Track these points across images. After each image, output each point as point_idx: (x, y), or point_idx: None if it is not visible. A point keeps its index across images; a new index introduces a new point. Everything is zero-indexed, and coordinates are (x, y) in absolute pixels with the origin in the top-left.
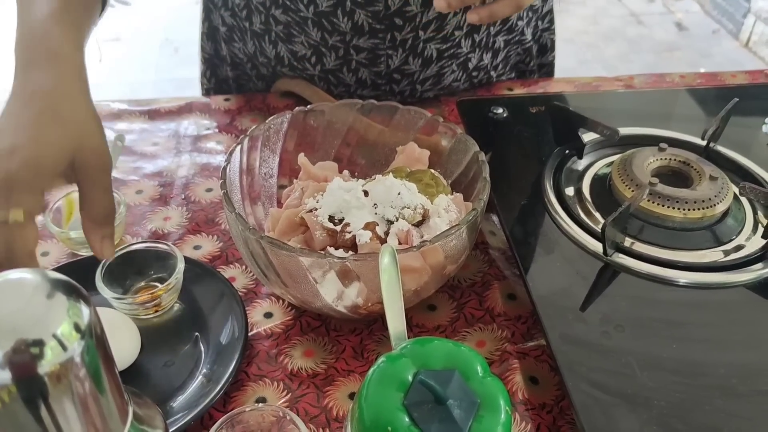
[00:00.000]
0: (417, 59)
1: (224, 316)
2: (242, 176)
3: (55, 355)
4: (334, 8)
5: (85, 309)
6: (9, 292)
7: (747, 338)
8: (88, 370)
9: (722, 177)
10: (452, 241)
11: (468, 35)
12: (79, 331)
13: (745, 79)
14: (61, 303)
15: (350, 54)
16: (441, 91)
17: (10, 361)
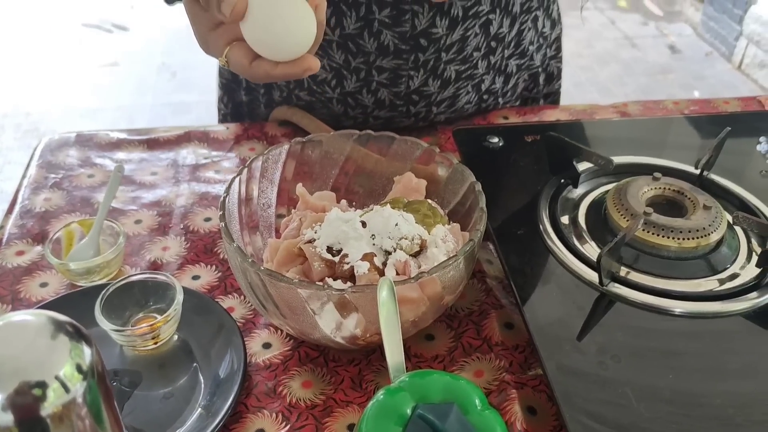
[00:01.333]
0: (436, 80)
1: (223, 347)
2: (241, 207)
3: (58, 396)
4: (361, 30)
5: (87, 350)
6: (12, 334)
7: (743, 368)
8: (90, 409)
9: (716, 206)
10: (450, 272)
11: (485, 57)
12: (81, 372)
13: (738, 106)
14: (64, 344)
15: (372, 75)
16: (452, 114)
17: (12, 403)
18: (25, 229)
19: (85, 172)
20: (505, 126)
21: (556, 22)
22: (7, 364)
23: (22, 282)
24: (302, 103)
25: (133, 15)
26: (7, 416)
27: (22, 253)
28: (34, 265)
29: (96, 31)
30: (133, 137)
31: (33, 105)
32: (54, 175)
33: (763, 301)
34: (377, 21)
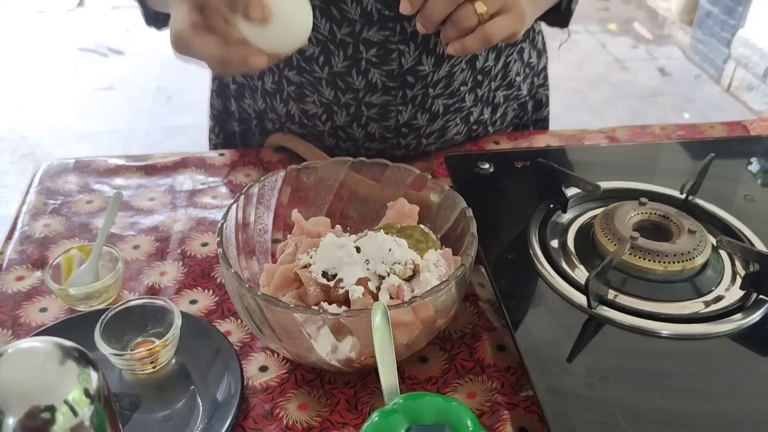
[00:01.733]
0: (425, 114)
1: (220, 370)
2: (238, 232)
3: (67, 420)
4: (349, 68)
5: (94, 374)
6: (23, 360)
7: (728, 388)
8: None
9: (700, 230)
10: (442, 297)
11: (472, 90)
12: (88, 396)
13: (723, 131)
14: (72, 370)
15: (361, 110)
16: (443, 144)
17: (23, 426)
18: (25, 254)
19: (84, 198)
20: (495, 152)
21: (542, 52)
22: (17, 389)
23: (22, 307)
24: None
25: (128, 39)
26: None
27: (22, 278)
28: (33, 291)
29: (92, 55)
30: (131, 163)
31: (29, 129)
32: (53, 201)
33: (748, 323)
34: (365, 60)
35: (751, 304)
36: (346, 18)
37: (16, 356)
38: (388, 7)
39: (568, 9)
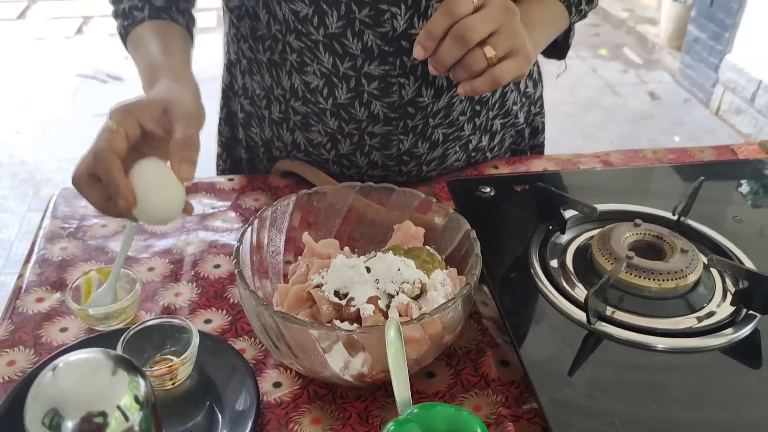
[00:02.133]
0: (425, 143)
1: (236, 386)
2: (252, 254)
3: (119, 424)
4: (352, 100)
5: (143, 383)
6: (78, 370)
7: (720, 398)
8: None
9: (692, 249)
10: (449, 314)
11: (470, 120)
12: (138, 403)
13: (712, 155)
14: (123, 378)
15: (364, 140)
16: (443, 171)
17: (80, 430)
18: (44, 276)
19: (99, 222)
20: (495, 176)
21: (538, 82)
22: (74, 396)
23: (42, 327)
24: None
25: (127, 66)
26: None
27: (41, 300)
28: (53, 311)
29: (91, 81)
30: None
31: (28, 154)
32: (68, 226)
33: (738, 337)
34: (367, 92)
35: (741, 319)
36: (348, 53)
37: (72, 366)
38: (388, 44)
39: (566, 42)
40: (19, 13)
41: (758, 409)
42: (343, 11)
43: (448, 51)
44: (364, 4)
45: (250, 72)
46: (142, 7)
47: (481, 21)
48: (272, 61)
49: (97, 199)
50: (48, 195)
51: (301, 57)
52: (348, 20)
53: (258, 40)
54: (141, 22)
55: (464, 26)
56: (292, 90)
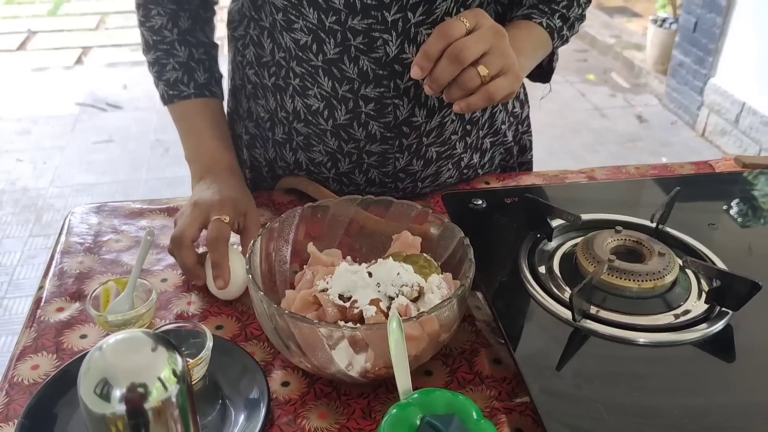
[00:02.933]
0: (420, 161)
1: (248, 385)
2: (262, 263)
3: (159, 393)
4: (351, 121)
5: (180, 360)
6: (124, 347)
7: (695, 386)
8: (181, 411)
9: (669, 253)
10: (445, 312)
11: (462, 138)
12: (176, 376)
13: (691, 170)
14: (163, 354)
15: (362, 158)
16: (437, 188)
17: (126, 398)
18: (63, 288)
19: (113, 238)
20: (487, 190)
21: (524, 102)
22: (122, 369)
23: (63, 334)
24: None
25: (126, 94)
26: (121, 407)
27: (62, 309)
28: (73, 320)
29: (91, 109)
30: (154, 207)
31: (30, 181)
32: (84, 241)
33: (712, 332)
34: (364, 113)
35: (715, 315)
36: (345, 77)
37: (119, 343)
38: (382, 68)
39: (550, 66)
40: (20, 44)
41: (728, 395)
42: (339, 39)
43: (443, 70)
44: (358, 32)
45: (255, 96)
46: (188, 83)
47: (473, 42)
48: (276, 85)
49: (190, 265)
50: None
51: (303, 81)
52: (344, 47)
53: (263, 66)
54: (187, 98)
55: (459, 47)
56: (294, 112)
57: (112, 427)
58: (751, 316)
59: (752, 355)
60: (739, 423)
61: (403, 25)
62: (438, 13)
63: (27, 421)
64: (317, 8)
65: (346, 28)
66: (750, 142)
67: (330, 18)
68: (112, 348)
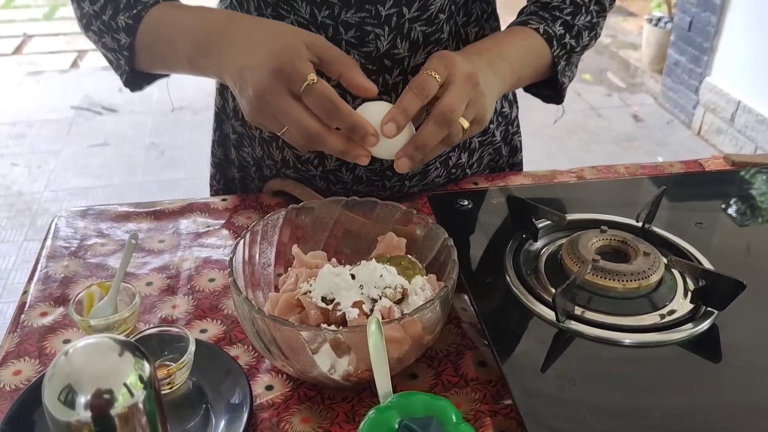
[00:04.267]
0: None
1: (231, 389)
2: (245, 266)
3: (125, 399)
4: None
5: (147, 365)
6: (90, 352)
7: (678, 387)
8: (149, 417)
9: (654, 252)
10: (428, 314)
11: None
12: (142, 382)
13: (681, 168)
14: (129, 360)
15: None
16: (425, 187)
17: (91, 404)
18: (47, 292)
19: (99, 242)
20: (473, 190)
21: (513, 103)
22: (87, 374)
23: (47, 339)
24: (290, 179)
25: (121, 97)
26: (86, 414)
27: (45, 314)
28: (57, 324)
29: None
30: (140, 210)
31: (25, 185)
32: (69, 245)
33: (697, 331)
34: None
35: (701, 315)
36: None
37: (85, 349)
38: (372, 62)
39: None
40: (15, 48)
41: (713, 396)
42: (331, 33)
43: (432, 135)
44: (351, 25)
45: None
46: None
47: (458, 102)
48: None
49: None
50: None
51: None
52: (335, 41)
53: None
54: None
55: (448, 109)
56: None
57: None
58: (737, 316)
59: (738, 354)
60: (724, 424)
61: (397, 20)
62: (433, 9)
63: (7, 428)
64: (310, 3)
65: (338, 22)
66: (746, 140)
67: (323, 12)
68: (77, 354)
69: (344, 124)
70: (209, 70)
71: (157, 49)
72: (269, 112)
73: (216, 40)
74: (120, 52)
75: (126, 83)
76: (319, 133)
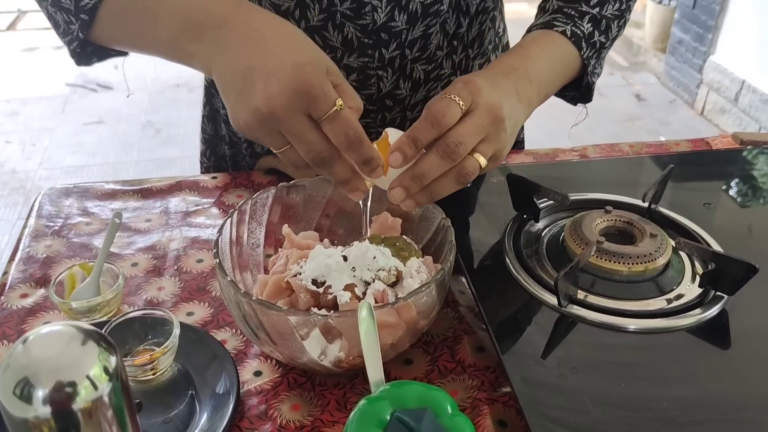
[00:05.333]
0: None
1: (217, 375)
2: (232, 247)
3: (88, 393)
4: None
5: (113, 356)
6: (50, 341)
7: (686, 376)
8: (115, 410)
9: (661, 234)
10: (423, 298)
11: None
12: (107, 374)
13: (687, 147)
14: (93, 350)
15: None
16: None
17: (50, 398)
18: (28, 273)
19: (83, 221)
20: None
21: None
22: (45, 366)
23: (26, 322)
24: None
25: (117, 75)
26: (46, 409)
27: (26, 295)
28: (38, 306)
29: (81, 90)
30: (127, 188)
31: (19, 163)
32: (53, 224)
33: (706, 317)
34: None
35: (709, 300)
36: (328, 45)
37: (44, 337)
38: (368, 36)
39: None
40: (9, 24)
41: (722, 385)
42: (325, 4)
43: (434, 166)
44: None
45: None
46: None
47: (470, 135)
48: None
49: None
50: None
51: None
52: (329, 13)
53: None
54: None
55: (454, 141)
56: None
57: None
58: (748, 301)
59: (748, 341)
60: (734, 415)
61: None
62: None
63: None
64: None
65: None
66: (750, 120)
67: None
68: (35, 343)
69: (361, 156)
70: (194, 59)
71: (129, 20)
72: (273, 129)
73: (215, 24)
74: (76, 14)
75: (73, 54)
76: (332, 159)
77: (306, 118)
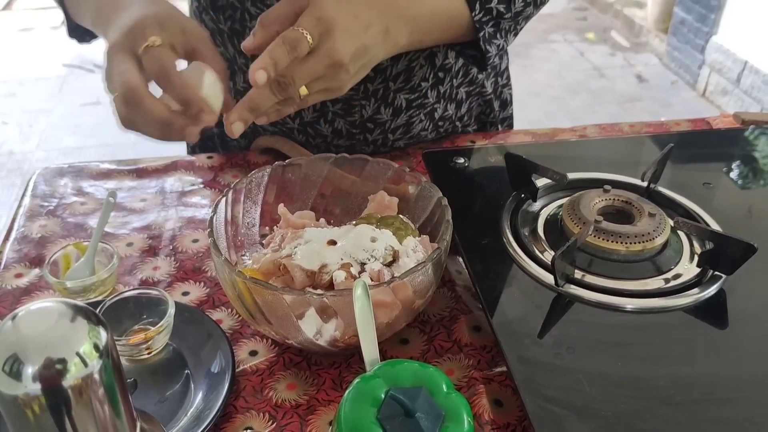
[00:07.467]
0: (388, 108)
1: (212, 354)
2: (227, 226)
3: (78, 370)
4: None
5: (103, 332)
6: (39, 317)
7: (683, 355)
8: (106, 387)
9: (660, 213)
10: (419, 277)
11: (434, 86)
12: (98, 351)
13: (687, 127)
14: (83, 326)
15: (327, 106)
16: (411, 140)
17: (40, 375)
18: (23, 253)
19: (78, 200)
20: (470, 148)
21: (503, 54)
22: (34, 342)
23: (21, 302)
24: (268, 133)
25: None
26: (35, 386)
27: (20, 275)
28: (32, 286)
29: (78, 70)
30: (123, 167)
31: (16, 145)
32: (48, 204)
33: (704, 297)
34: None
35: (708, 279)
36: None
37: (33, 314)
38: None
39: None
40: (5, 4)
41: (719, 364)
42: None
43: (266, 98)
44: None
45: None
46: None
47: (302, 78)
48: (233, 30)
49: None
50: None
51: None
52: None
53: (219, 11)
54: None
55: (286, 81)
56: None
57: (28, 411)
58: (746, 281)
59: (746, 321)
60: (731, 394)
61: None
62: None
63: None
64: None
65: None
66: (751, 101)
67: None
68: (24, 319)
69: (176, 95)
70: None
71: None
72: (109, 72)
73: (108, 13)
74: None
75: (70, 34)
76: (137, 88)
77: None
